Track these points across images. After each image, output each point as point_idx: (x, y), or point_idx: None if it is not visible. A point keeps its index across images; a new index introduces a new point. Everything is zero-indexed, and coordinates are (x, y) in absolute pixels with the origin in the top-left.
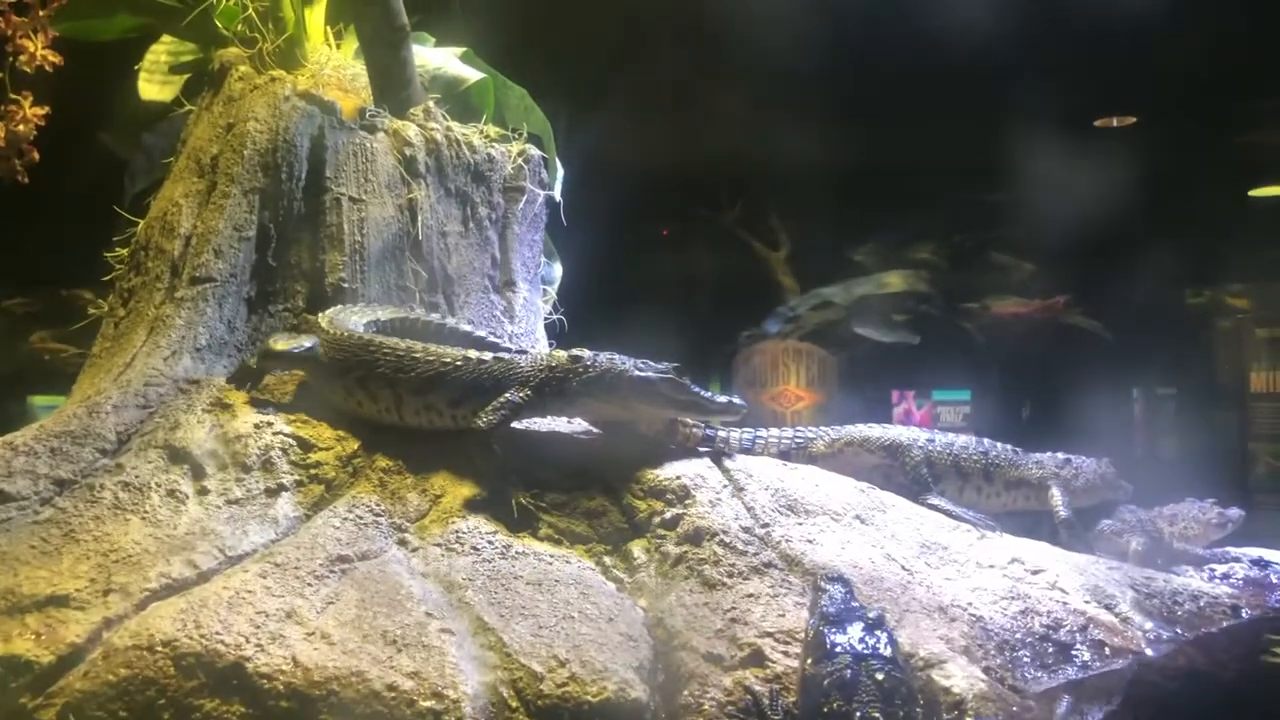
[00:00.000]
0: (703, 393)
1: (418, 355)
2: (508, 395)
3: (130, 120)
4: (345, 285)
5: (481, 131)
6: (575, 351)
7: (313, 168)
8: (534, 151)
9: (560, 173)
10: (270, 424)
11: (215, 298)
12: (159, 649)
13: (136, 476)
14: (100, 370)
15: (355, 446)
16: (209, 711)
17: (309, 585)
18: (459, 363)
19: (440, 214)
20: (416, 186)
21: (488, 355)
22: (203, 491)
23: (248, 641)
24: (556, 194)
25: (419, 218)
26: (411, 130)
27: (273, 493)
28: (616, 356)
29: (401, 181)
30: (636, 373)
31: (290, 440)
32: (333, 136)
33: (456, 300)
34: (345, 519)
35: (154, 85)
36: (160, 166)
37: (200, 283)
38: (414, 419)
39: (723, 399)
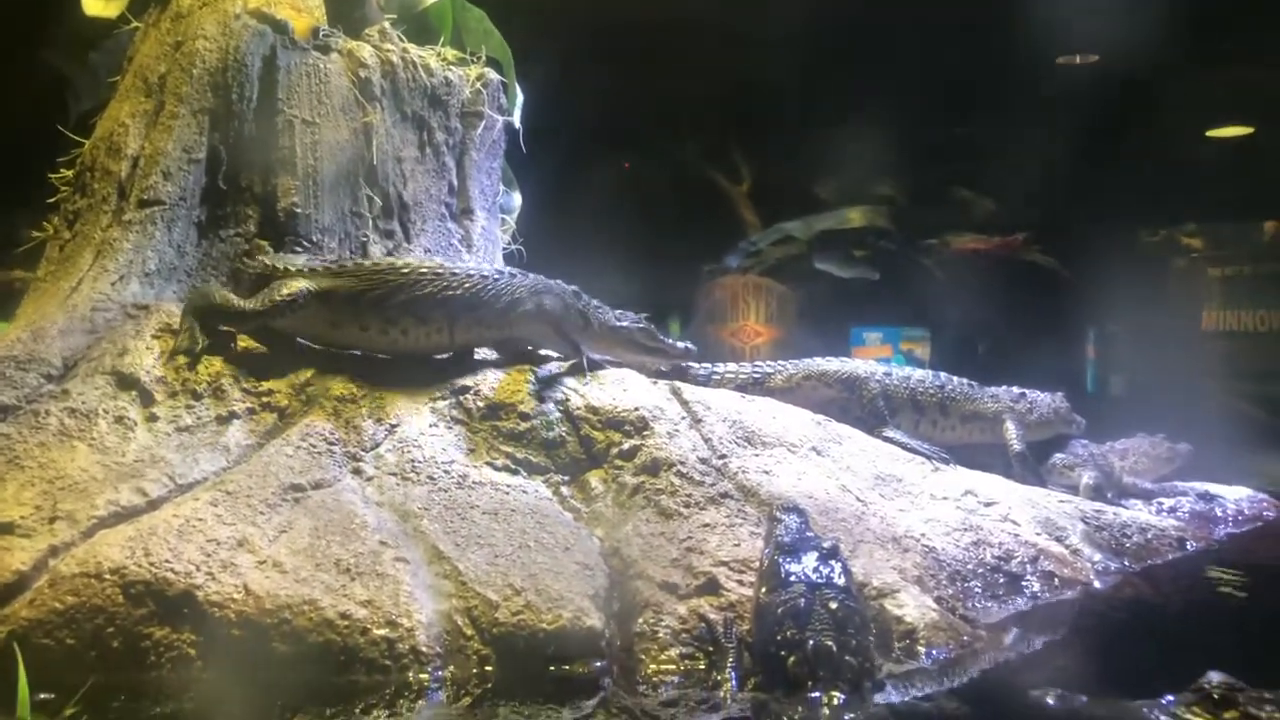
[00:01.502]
0: (666, 340)
1: (458, 272)
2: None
3: (74, 37)
4: (298, 210)
5: (439, 54)
6: (576, 289)
7: (264, 89)
8: (493, 76)
9: (520, 98)
10: (220, 350)
11: (164, 221)
12: (107, 577)
13: (83, 403)
14: (45, 295)
15: (308, 375)
16: (159, 640)
17: (261, 514)
18: (496, 276)
19: (396, 139)
20: (371, 110)
21: (502, 268)
22: (152, 419)
23: (198, 570)
24: (516, 120)
25: (374, 142)
26: (366, 51)
27: (224, 420)
28: (599, 304)
29: (356, 104)
30: (616, 322)
31: (242, 367)
32: (285, 57)
33: (412, 228)
34: (298, 447)
35: (99, 0)
36: (106, 85)
37: (148, 205)
38: (463, 336)
39: (680, 345)
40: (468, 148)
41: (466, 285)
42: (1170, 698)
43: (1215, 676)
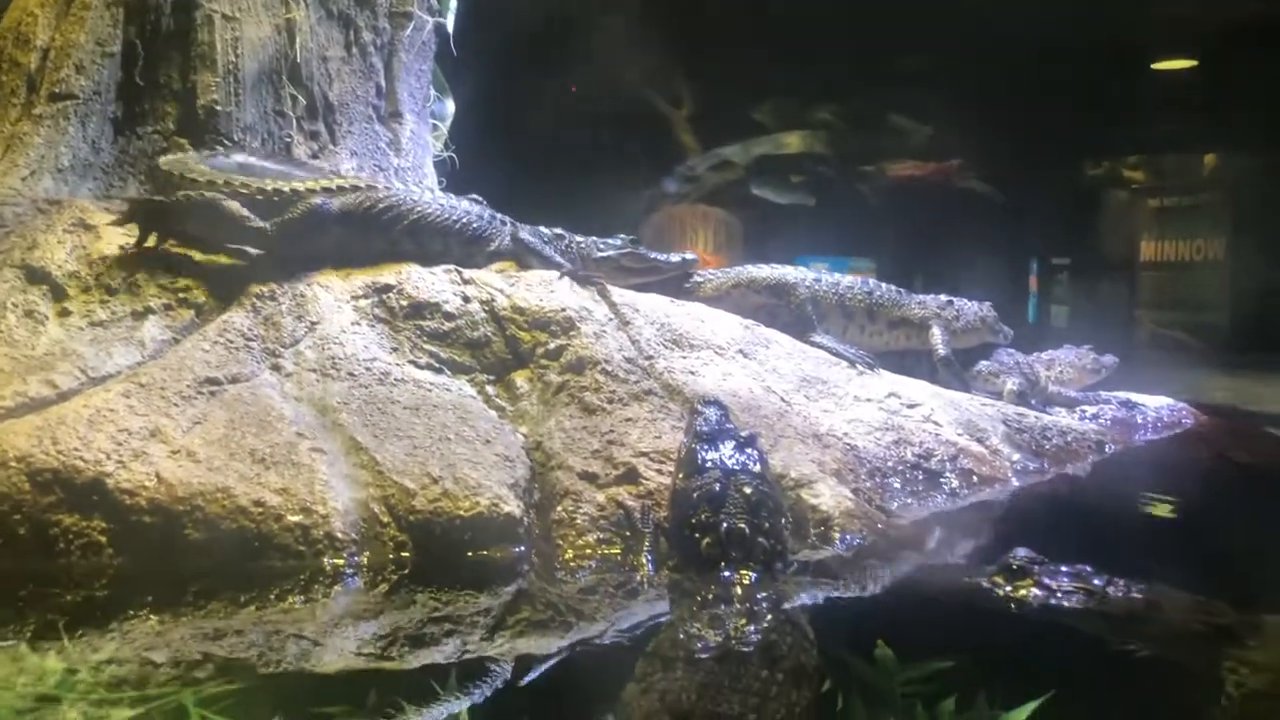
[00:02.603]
0: (658, 256)
1: (458, 206)
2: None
3: None
4: (219, 108)
5: None
6: (559, 231)
7: None
8: None
9: (453, 1)
10: (135, 246)
11: (78, 116)
12: (12, 464)
13: None
14: None
15: (227, 272)
16: (68, 527)
17: (175, 405)
18: (490, 218)
19: (321, 37)
20: (295, 6)
21: (495, 213)
22: (64, 313)
23: (108, 458)
24: (449, 23)
25: (297, 40)
26: None
27: (139, 316)
28: (582, 239)
29: (279, 0)
30: (598, 253)
31: (157, 263)
32: None
33: (338, 130)
34: (216, 343)
35: None
36: None
37: (61, 99)
38: (458, 259)
39: (675, 258)
40: (396, 49)
41: (463, 222)
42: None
43: (1021, 552)
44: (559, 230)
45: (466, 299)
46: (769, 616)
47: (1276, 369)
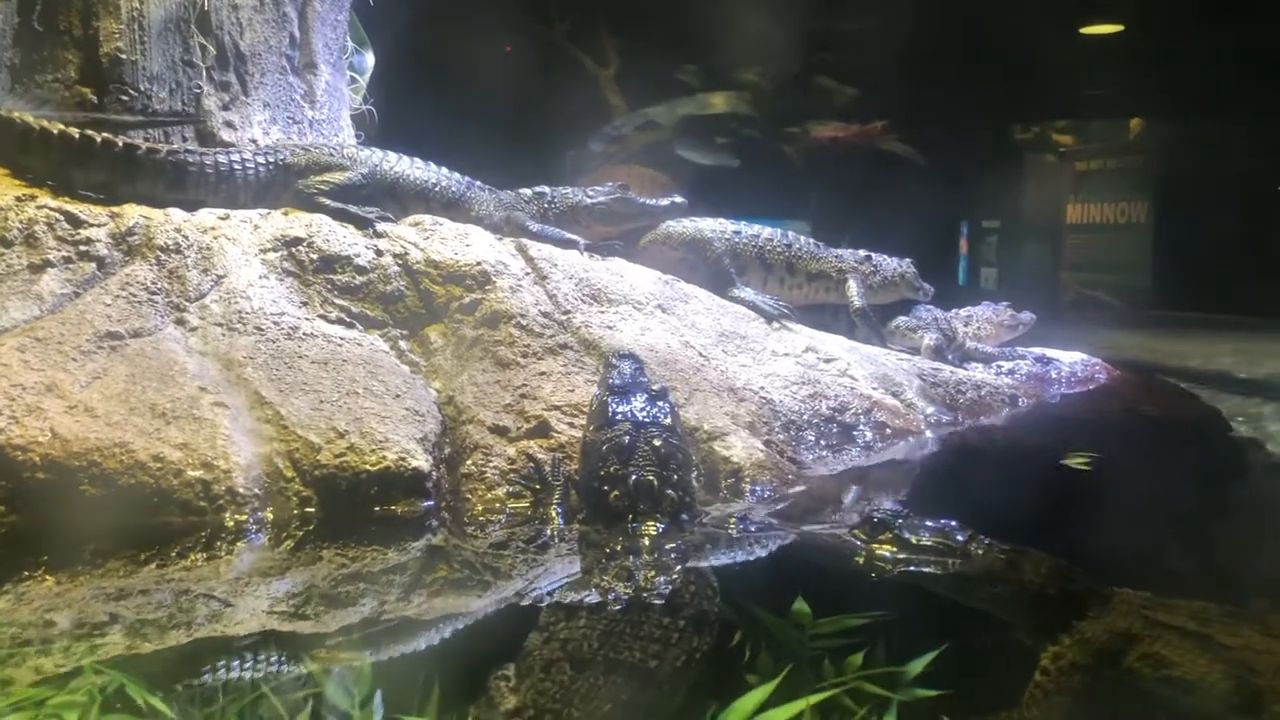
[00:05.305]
0: (649, 201)
1: (433, 170)
2: (526, 222)
3: None
4: (123, 56)
5: None
6: (539, 188)
7: None
8: None
9: None
10: (34, 197)
11: None
12: None
13: None
14: None
15: (130, 224)
16: None
17: (73, 360)
18: (469, 184)
19: None
20: None
21: (472, 180)
22: None
23: (0, 414)
24: None
25: None
26: None
27: (37, 269)
28: (569, 190)
29: None
30: (588, 200)
31: (57, 215)
32: None
33: (250, 80)
34: (118, 296)
35: None
36: None
37: None
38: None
39: (665, 202)
40: None
41: (441, 186)
42: (848, 524)
43: (886, 504)
44: (541, 188)
45: (379, 252)
46: (676, 568)
47: (1194, 327)
